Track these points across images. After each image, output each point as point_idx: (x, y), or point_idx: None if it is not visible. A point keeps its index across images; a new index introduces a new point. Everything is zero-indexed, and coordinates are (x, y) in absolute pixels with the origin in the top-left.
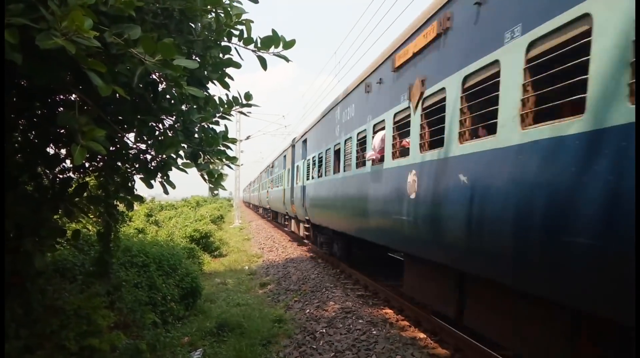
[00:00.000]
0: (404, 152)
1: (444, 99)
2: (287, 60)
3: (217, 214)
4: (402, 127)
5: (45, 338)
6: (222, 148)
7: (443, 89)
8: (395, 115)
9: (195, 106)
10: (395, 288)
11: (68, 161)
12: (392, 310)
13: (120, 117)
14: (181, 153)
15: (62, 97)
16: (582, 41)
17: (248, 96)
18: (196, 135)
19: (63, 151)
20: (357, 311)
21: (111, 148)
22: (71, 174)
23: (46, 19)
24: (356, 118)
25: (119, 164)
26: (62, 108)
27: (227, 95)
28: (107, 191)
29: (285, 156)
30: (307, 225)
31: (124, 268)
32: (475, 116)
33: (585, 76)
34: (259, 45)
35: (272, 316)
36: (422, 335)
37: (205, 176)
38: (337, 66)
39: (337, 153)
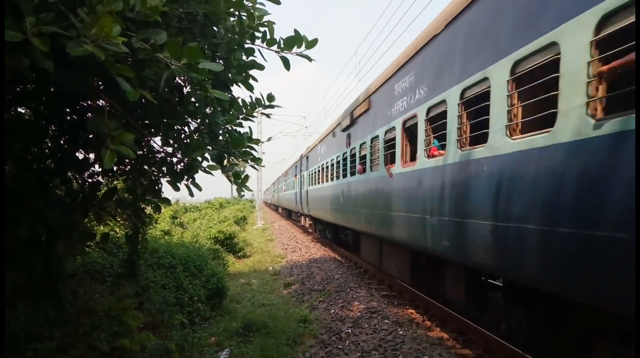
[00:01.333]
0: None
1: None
2: (309, 59)
3: (240, 215)
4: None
5: (77, 338)
6: (248, 149)
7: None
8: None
9: (219, 109)
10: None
11: (97, 166)
12: (417, 310)
13: (147, 122)
14: (207, 155)
15: (90, 103)
16: None
17: (270, 97)
18: (221, 137)
19: (91, 156)
20: (382, 311)
21: (139, 152)
22: (100, 178)
23: (76, 27)
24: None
25: (146, 167)
26: (90, 114)
27: (250, 97)
28: (135, 194)
29: (297, 164)
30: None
31: (152, 269)
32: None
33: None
34: (282, 46)
35: (297, 316)
36: (449, 335)
37: (231, 178)
38: (357, 66)
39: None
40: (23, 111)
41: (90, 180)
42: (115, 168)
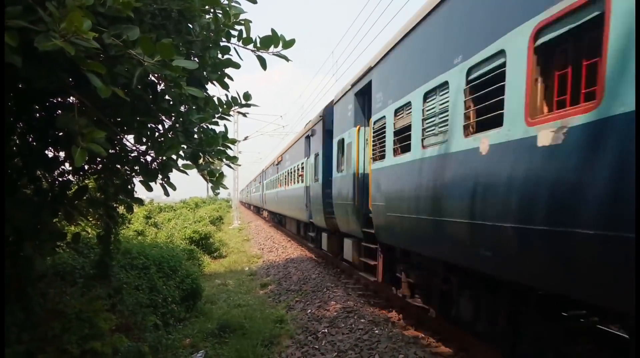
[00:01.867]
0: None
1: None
2: (287, 59)
3: (216, 215)
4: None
5: (47, 342)
6: (223, 148)
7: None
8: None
9: (194, 107)
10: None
11: (67, 164)
12: (394, 309)
13: (119, 119)
14: (181, 153)
15: (60, 99)
16: None
17: (247, 96)
18: (196, 136)
19: (62, 154)
20: (358, 310)
21: (111, 150)
22: (70, 177)
23: (44, 21)
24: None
25: (119, 166)
26: (60, 111)
27: (226, 95)
28: (107, 193)
29: (261, 175)
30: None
31: (125, 270)
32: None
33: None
34: (258, 45)
35: (274, 316)
36: (424, 334)
37: (206, 176)
38: (334, 65)
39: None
40: None
41: (60, 179)
42: (86, 167)
